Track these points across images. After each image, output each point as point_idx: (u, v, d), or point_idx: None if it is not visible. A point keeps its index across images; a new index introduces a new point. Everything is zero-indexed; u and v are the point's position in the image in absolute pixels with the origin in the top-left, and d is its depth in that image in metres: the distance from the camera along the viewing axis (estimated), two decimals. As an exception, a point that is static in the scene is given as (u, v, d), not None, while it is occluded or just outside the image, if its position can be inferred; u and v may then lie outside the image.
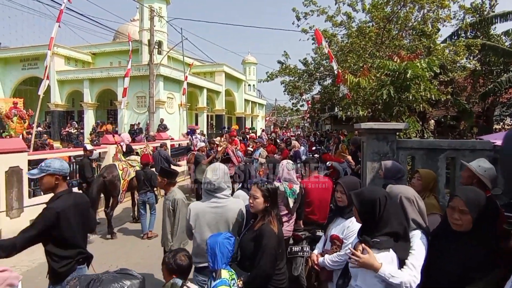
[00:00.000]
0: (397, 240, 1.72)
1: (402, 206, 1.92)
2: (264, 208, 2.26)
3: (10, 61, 21.01)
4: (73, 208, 2.45)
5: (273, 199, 2.29)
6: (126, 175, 6.44)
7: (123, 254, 5.27)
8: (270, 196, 2.26)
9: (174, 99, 18.90)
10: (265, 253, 2.11)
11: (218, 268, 2.06)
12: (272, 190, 2.31)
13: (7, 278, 1.46)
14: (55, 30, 8.38)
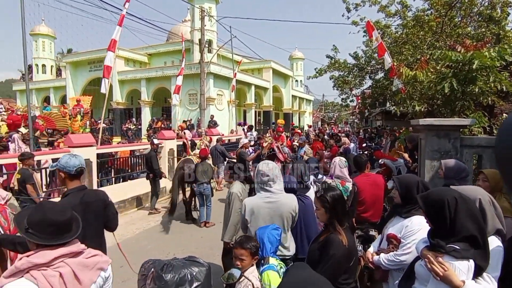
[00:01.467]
0: (476, 247, 1.54)
1: (480, 208, 1.76)
2: (328, 218, 2.13)
3: (80, 64, 23.24)
4: (80, 206, 2.40)
5: (336, 208, 2.12)
6: None
7: (181, 242, 5.61)
8: (332, 206, 2.11)
9: (223, 96, 19.44)
10: (330, 262, 2.03)
11: (266, 256, 2.15)
12: (333, 198, 2.12)
13: (98, 262, 1.55)
14: (117, 33, 9.06)
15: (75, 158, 2.60)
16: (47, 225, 1.43)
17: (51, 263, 1.39)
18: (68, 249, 1.45)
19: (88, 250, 1.57)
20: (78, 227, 1.54)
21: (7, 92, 35.74)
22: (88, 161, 6.69)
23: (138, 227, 6.46)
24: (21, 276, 1.34)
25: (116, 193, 7.41)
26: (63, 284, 1.39)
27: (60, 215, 1.47)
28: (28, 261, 1.35)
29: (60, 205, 1.57)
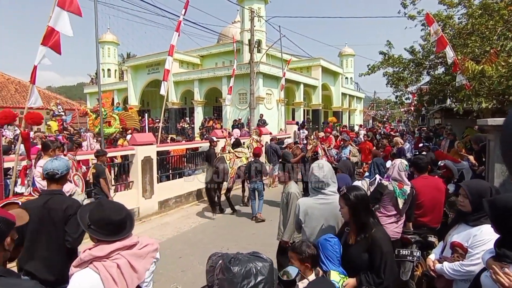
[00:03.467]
0: None
1: None
2: (352, 217, 2.19)
3: (139, 67, 25.05)
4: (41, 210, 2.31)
5: (360, 207, 2.17)
6: (233, 164, 7.32)
7: (234, 238, 5.85)
8: (355, 205, 2.16)
9: (272, 95, 19.60)
10: (388, 261, 2.07)
11: (327, 270, 2.15)
12: (356, 197, 2.17)
13: (150, 252, 1.72)
14: (174, 38, 9.62)
15: (51, 162, 2.61)
16: (105, 223, 1.62)
17: (109, 256, 1.60)
18: (122, 243, 1.65)
19: (141, 241, 1.74)
20: (131, 224, 1.72)
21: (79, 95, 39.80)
22: (149, 158, 7.25)
23: (194, 221, 6.86)
24: (86, 266, 1.58)
25: (173, 188, 7.95)
26: (121, 274, 1.59)
27: (117, 214, 1.66)
28: (90, 253, 1.58)
29: (117, 205, 1.74)
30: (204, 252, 5.12)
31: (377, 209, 3.52)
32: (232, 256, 1.72)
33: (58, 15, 5.30)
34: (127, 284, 1.57)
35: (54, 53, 5.29)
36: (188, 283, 4.17)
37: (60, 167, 2.59)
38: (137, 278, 1.61)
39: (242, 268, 1.62)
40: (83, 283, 1.51)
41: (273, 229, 5.95)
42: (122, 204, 1.75)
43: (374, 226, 2.20)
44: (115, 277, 1.54)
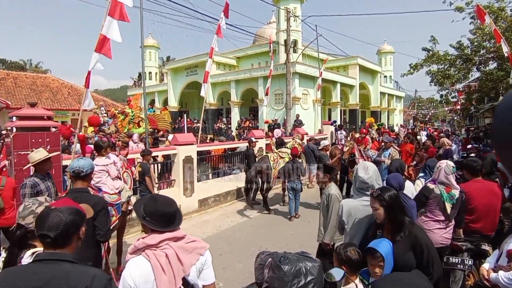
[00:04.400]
0: None
1: None
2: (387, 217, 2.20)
3: (178, 70, 25.98)
4: None
5: (395, 207, 2.18)
6: (277, 164, 7.40)
7: (272, 237, 5.90)
8: (389, 205, 2.17)
9: (308, 95, 19.41)
10: (434, 256, 2.10)
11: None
12: (391, 197, 2.19)
13: (196, 248, 1.79)
14: (214, 41, 9.88)
15: (77, 161, 2.74)
16: (159, 215, 1.74)
17: (159, 245, 1.71)
18: (171, 234, 1.75)
19: (188, 236, 1.85)
20: (180, 218, 1.83)
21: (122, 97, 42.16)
22: (190, 158, 7.52)
23: (233, 220, 7.01)
24: (139, 253, 1.71)
25: (212, 187, 8.18)
26: (169, 263, 1.69)
27: (169, 207, 1.78)
28: (143, 242, 1.71)
29: (168, 199, 1.86)
30: (243, 250, 5.23)
31: (423, 213, 3.39)
32: (282, 255, 1.75)
33: (109, 23, 5.70)
34: (174, 275, 1.68)
35: (105, 59, 5.70)
36: (229, 281, 4.28)
37: (85, 166, 2.77)
38: (182, 270, 1.71)
39: (292, 267, 1.65)
40: (136, 269, 1.65)
41: (311, 230, 5.93)
42: (173, 199, 1.88)
43: (411, 224, 2.21)
44: (163, 265, 1.66)
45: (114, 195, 4.07)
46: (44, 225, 1.38)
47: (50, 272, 1.31)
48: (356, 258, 2.14)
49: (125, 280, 1.63)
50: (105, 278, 1.45)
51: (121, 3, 5.86)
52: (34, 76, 28.31)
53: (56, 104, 23.38)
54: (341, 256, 2.15)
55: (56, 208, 1.42)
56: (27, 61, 48.23)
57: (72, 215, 1.45)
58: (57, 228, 1.38)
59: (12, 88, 24.06)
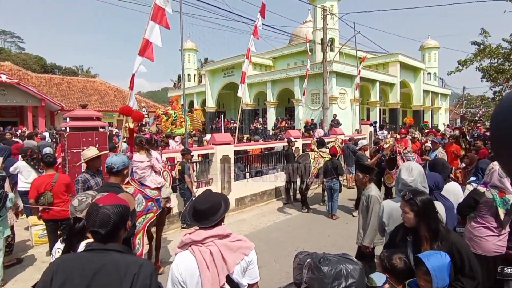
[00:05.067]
0: None
1: None
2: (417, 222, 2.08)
3: (216, 71, 26.56)
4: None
5: (427, 212, 2.07)
6: (317, 163, 7.47)
7: (309, 238, 5.83)
8: (421, 209, 2.06)
9: (346, 94, 18.91)
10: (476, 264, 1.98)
11: None
12: (423, 202, 2.08)
13: (241, 247, 1.80)
14: (251, 42, 9.96)
15: (111, 158, 2.85)
16: (193, 212, 1.84)
17: (204, 241, 1.76)
18: (215, 231, 1.79)
19: (233, 235, 1.87)
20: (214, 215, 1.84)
21: (163, 98, 43.99)
22: (227, 157, 7.65)
23: (269, 220, 7.02)
24: (186, 248, 1.78)
25: (249, 186, 8.24)
26: (213, 260, 1.72)
27: (202, 205, 1.83)
28: (189, 237, 1.78)
29: (205, 197, 1.91)
30: (279, 250, 5.22)
31: (473, 218, 3.16)
32: (321, 256, 1.72)
33: (151, 28, 5.97)
34: (218, 272, 1.71)
35: (148, 62, 5.98)
36: (266, 280, 4.29)
37: (116, 163, 2.89)
38: (226, 268, 1.74)
39: (333, 269, 1.61)
40: (182, 263, 1.72)
41: (350, 232, 5.79)
42: (215, 197, 1.90)
43: (447, 232, 2.09)
44: (208, 262, 1.70)
45: (155, 190, 4.23)
46: (95, 223, 1.47)
47: (102, 261, 1.41)
48: (401, 267, 1.99)
49: (173, 272, 1.71)
50: (152, 267, 1.53)
51: (163, 8, 6.13)
52: (84, 80, 30.56)
53: (103, 106, 24.99)
54: (385, 263, 2.03)
55: (105, 206, 1.51)
56: (79, 66, 52.42)
57: (120, 211, 1.54)
58: (107, 225, 1.47)
59: (66, 91, 26.12)
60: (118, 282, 1.38)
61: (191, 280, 1.68)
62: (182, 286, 1.69)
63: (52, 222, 4.38)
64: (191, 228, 6.42)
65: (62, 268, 1.39)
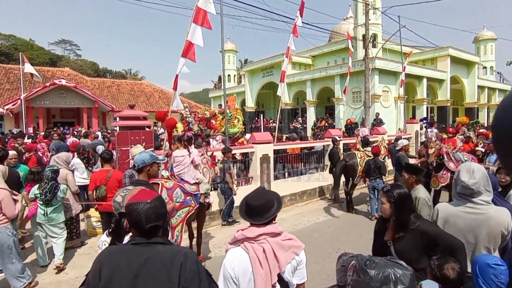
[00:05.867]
0: None
1: None
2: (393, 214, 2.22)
3: (255, 71, 26.78)
4: None
5: (403, 205, 2.20)
6: (363, 162, 7.32)
7: (350, 240, 5.65)
8: (397, 202, 2.19)
9: (389, 92, 18.06)
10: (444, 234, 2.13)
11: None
12: (399, 194, 2.20)
13: (292, 246, 1.79)
14: (290, 40, 9.87)
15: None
16: (246, 208, 1.85)
17: (256, 238, 1.75)
18: (268, 229, 1.78)
19: (285, 233, 1.86)
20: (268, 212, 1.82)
21: (204, 99, 45.30)
22: (267, 156, 7.66)
23: (309, 220, 6.92)
24: (238, 245, 1.78)
25: (288, 186, 8.19)
26: (265, 258, 1.71)
27: (255, 201, 1.84)
28: (242, 234, 1.78)
29: (259, 193, 1.92)
30: (320, 251, 5.12)
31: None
32: (367, 258, 1.65)
33: (194, 30, 6.16)
34: (270, 270, 1.70)
35: (190, 63, 6.17)
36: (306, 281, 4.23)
37: (136, 161, 3.02)
38: (278, 267, 1.72)
39: (380, 273, 1.54)
40: (234, 259, 1.73)
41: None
42: (268, 195, 1.91)
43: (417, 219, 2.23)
44: (261, 259, 1.69)
45: (193, 185, 4.35)
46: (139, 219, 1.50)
47: (148, 253, 1.46)
48: (454, 277, 1.82)
49: (225, 268, 1.73)
50: (195, 255, 1.57)
51: (204, 10, 6.30)
52: (132, 83, 32.47)
53: (149, 107, 26.34)
54: (435, 272, 1.88)
55: (143, 202, 1.55)
56: (127, 70, 56.00)
57: (158, 205, 1.57)
58: (148, 221, 1.51)
59: (116, 93, 27.92)
60: (166, 272, 1.42)
61: (244, 277, 1.69)
62: (234, 282, 1.69)
63: (106, 214, 4.72)
64: (231, 226, 6.54)
65: (110, 259, 1.45)
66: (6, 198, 3.78)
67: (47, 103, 21.93)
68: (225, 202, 6.54)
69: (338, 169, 7.39)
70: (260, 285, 1.68)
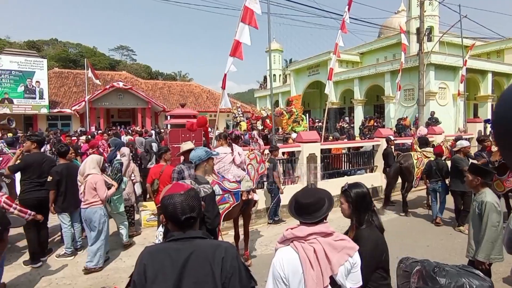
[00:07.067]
0: None
1: None
2: (351, 214, 2.11)
3: (300, 70, 26.50)
4: None
5: (360, 204, 2.08)
6: (420, 164, 6.94)
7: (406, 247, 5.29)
8: (355, 201, 2.08)
9: (447, 88, 16.72)
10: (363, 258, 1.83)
11: None
12: (357, 194, 2.09)
13: (345, 247, 1.70)
14: (339, 37, 9.57)
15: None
16: (295, 205, 1.80)
17: (307, 238, 1.67)
18: (319, 228, 1.70)
19: (337, 234, 1.76)
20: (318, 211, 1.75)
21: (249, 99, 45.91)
22: (314, 155, 7.48)
23: (357, 222, 6.63)
24: (287, 244, 1.72)
25: (335, 186, 7.91)
26: (316, 259, 1.62)
27: (305, 198, 1.77)
28: (292, 233, 1.71)
29: (310, 191, 1.87)
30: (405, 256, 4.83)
31: None
32: (435, 265, 1.51)
33: (241, 29, 6.24)
34: (322, 271, 1.62)
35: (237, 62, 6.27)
36: (356, 285, 4.05)
37: (193, 157, 3.17)
38: (330, 269, 1.64)
39: (452, 282, 1.39)
40: (284, 259, 1.67)
41: (455, 244, 5.11)
42: (319, 193, 1.84)
43: (367, 225, 2.08)
44: (311, 260, 1.62)
45: (233, 183, 4.36)
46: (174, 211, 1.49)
47: (189, 249, 1.44)
48: None
49: (274, 268, 1.68)
50: (235, 250, 1.54)
51: (252, 9, 6.34)
52: (182, 84, 34.05)
53: (198, 107, 27.36)
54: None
55: (177, 194, 1.54)
56: (177, 72, 58.99)
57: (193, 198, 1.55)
58: (184, 213, 1.49)
59: (167, 94, 29.45)
60: (209, 267, 1.40)
61: (294, 278, 1.63)
62: (284, 283, 1.64)
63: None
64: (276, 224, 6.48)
65: (152, 260, 1.43)
66: (100, 182, 4.44)
67: (106, 104, 23.81)
68: (272, 201, 6.51)
69: (392, 172, 7.04)
70: (311, 287, 1.61)
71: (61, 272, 4.49)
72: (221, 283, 1.38)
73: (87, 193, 4.39)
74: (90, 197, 4.39)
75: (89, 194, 4.39)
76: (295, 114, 12.00)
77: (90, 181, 4.39)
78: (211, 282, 1.38)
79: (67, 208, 4.90)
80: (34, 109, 21.18)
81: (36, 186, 4.69)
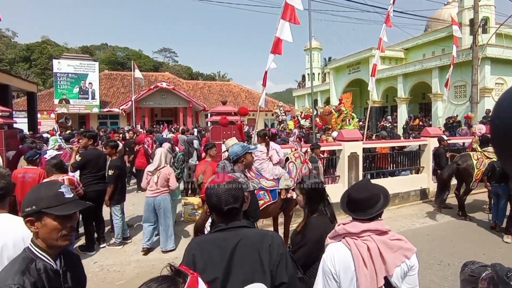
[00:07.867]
0: None
1: None
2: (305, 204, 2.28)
3: (340, 69, 25.84)
4: None
5: (311, 195, 2.26)
6: (481, 165, 6.45)
7: (452, 252, 4.97)
8: (308, 192, 2.27)
9: (505, 84, 15.35)
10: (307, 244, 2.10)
11: None
12: (309, 187, 2.27)
13: (401, 248, 1.60)
14: (383, 31, 9.15)
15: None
16: (348, 200, 1.75)
17: (360, 235, 1.60)
18: (374, 225, 1.62)
19: (392, 233, 1.66)
20: (373, 207, 1.67)
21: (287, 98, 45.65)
22: (355, 154, 7.25)
23: (402, 225, 6.33)
24: (339, 240, 1.66)
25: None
26: (370, 257, 1.55)
27: (358, 193, 1.71)
28: (344, 228, 1.64)
29: (362, 185, 1.79)
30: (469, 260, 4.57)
31: None
32: (509, 270, 1.36)
33: (282, 26, 6.19)
34: (376, 271, 1.54)
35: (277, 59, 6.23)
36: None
37: (230, 153, 3.25)
38: (385, 269, 1.56)
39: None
40: (336, 255, 1.62)
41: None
42: (374, 189, 1.75)
43: (318, 214, 2.22)
44: (365, 258, 1.55)
45: (271, 181, 4.34)
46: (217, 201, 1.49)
47: (236, 237, 1.44)
48: None
49: (325, 263, 1.64)
50: (281, 238, 1.52)
51: (292, 6, 6.27)
52: (221, 84, 34.85)
53: (236, 106, 27.75)
54: None
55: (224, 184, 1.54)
56: (216, 73, 60.70)
57: (236, 189, 1.54)
58: (227, 203, 1.48)
59: (207, 94, 30.30)
60: (257, 255, 1.39)
61: (345, 275, 1.57)
62: (335, 279, 1.59)
63: None
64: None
65: (200, 249, 1.44)
66: (172, 174, 5.04)
67: (151, 104, 25.04)
68: (311, 199, 6.41)
69: (446, 173, 6.54)
70: (364, 286, 1.54)
71: (111, 260, 4.79)
72: (269, 270, 1.38)
73: (159, 183, 4.88)
74: (161, 186, 4.90)
75: (162, 183, 4.89)
76: (344, 113, 11.77)
77: (164, 172, 4.92)
78: (259, 270, 1.38)
79: (121, 200, 5.30)
80: (87, 109, 22.94)
81: (95, 180, 5.08)
